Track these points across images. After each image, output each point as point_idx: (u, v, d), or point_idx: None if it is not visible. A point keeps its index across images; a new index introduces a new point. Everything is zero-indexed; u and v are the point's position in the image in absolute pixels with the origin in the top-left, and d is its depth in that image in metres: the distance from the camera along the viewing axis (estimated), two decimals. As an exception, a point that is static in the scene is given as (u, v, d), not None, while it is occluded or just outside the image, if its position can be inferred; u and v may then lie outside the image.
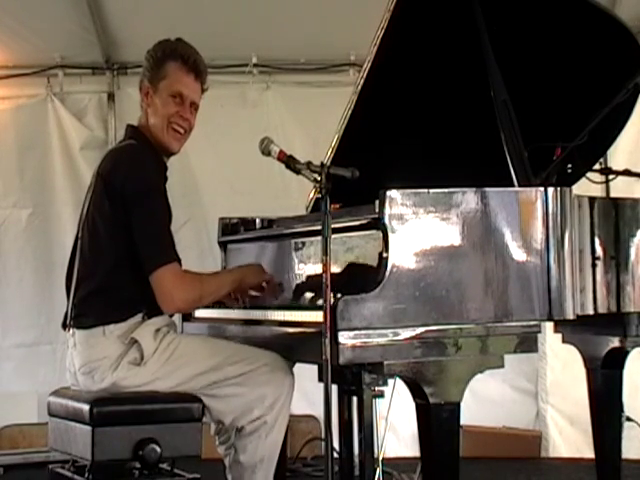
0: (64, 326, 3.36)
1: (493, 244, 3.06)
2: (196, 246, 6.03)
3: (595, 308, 3.26)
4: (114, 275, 3.21)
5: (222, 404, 3.24)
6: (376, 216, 2.98)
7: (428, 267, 2.97)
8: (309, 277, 3.49)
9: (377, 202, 2.96)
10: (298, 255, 3.55)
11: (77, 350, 3.25)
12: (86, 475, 3.17)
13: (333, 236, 2.92)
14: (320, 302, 2.91)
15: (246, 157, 5.62)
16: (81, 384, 3.26)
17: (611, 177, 4.17)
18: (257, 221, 3.97)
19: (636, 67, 3.64)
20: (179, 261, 3.22)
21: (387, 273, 2.92)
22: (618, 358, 3.94)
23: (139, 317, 3.22)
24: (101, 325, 3.19)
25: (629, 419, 4.75)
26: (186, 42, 3.43)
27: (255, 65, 6.23)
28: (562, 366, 6.02)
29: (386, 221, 2.95)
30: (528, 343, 3.09)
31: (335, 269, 3.15)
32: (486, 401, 5.92)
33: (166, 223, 3.23)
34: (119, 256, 3.20)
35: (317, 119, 5.98)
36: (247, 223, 3.98)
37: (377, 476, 3.62)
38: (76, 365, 3.26)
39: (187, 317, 3.82)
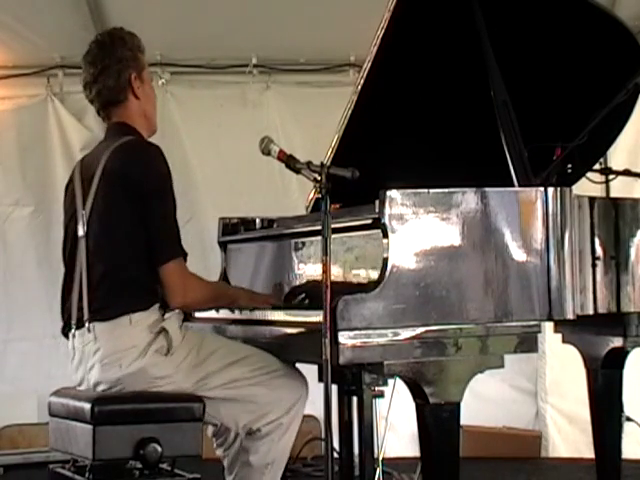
0: (67, 330, 3.34)
1: (493, 244, 3.06)
2: (196, 246, 6.02)
3: (595, 308, 3.25)
4: (135, 267, 3.22)
5: (240, 406, 3.24)
6: (376, 216, 2.98)
7: (428, 267, 2.97)
8: (309, 277, 3.49)
9: (377, 202, 2.97)
10: (298, 255, 3.55)
11: (99, 343, 3.20)
12: (86, 475, 3.17)
13: (333, 236, 2.92)
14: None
15: (246, 157, 5.66)
16: (99, 377, 3.20)
17: (611, 177, 4.17)
18: (257, 221, 3.96)
19: (636, 67, 3.64)
20: (185, 256, 3.26)
21: (387, 273, 2.92)
22: (618, 358, 3.94)
23: (157, 306, 3.23)
24: (127, 314, 3.18)
25: (629, 419, 4.74)
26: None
27: (255, 65, 6.24)
28: (561, 365, 6.02)
29: (386, 221, 2.95)
30: (528, 343, 3.09)
31: (335, 269, 3.16)
32: (486, 401, 5.92)
33: (175, 219, 3.27)
34: (138, 249, 3.22)
35: (317, 119, 5.97)
36: (247, 223, 3.98)
37: (377, 476, 3.62)
38: (98, 358, 3.21)
39: (187, 317, 3.81)
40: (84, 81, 3.42)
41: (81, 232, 3.33)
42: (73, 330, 3.30)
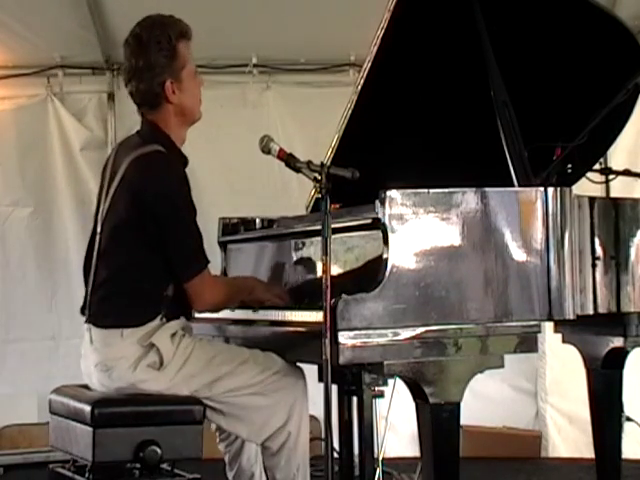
0: (83, 313, 3.33)
1: (493, 244, 3.06)
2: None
3: (595, 308, 3.25)
4: (137, 281, 3.19)
5: (237, 415, 3.22)
6: (376, 216, 2.98)
7: (428, 267, 2.97)
8: (309, 277, 3.48)
9: (377, 202, 2.97)
10: (298, 255, 3.55)
11: (94, 346, 3.21)
12: (86, 475, 3.16)
13: (333, 236, 2.92)
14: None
15: (246, 157, 5.65)
16: (98, 380, 3.22)
17: (611, 177, 4.17)
18: (257, 221, 3.96)
19: (636, 67, 3.64)
20: (208, 262, 3.27)
21: (387, 273, 2.92)
22: (618, 358, 3.94)
23: (157, 320, 3.20)
24: (119, 327, 3.16)
25: (629, 419, 4.74)
26: (163, 14, 3.36)
27: (255, 65, 6.24)
28: (561, 365, 6.02)
29: (386, 221, 2.95)
30: (528, 343, 3.09)
31: (335, 269, 3.16)
32: (486, 401, 5.92)
33: (197, 230, 3.24)
34: (145, 263, 3.20)
35: (317, 119, 5.98)
36: (247, 223, 3.98)
37: (377, 476, 3.63)
38: (94, 360, 3.22)
39: (188, 317, 3.81)
40: (123, 74, 3.36)
41: (99, 228, 3.32)
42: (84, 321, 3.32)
